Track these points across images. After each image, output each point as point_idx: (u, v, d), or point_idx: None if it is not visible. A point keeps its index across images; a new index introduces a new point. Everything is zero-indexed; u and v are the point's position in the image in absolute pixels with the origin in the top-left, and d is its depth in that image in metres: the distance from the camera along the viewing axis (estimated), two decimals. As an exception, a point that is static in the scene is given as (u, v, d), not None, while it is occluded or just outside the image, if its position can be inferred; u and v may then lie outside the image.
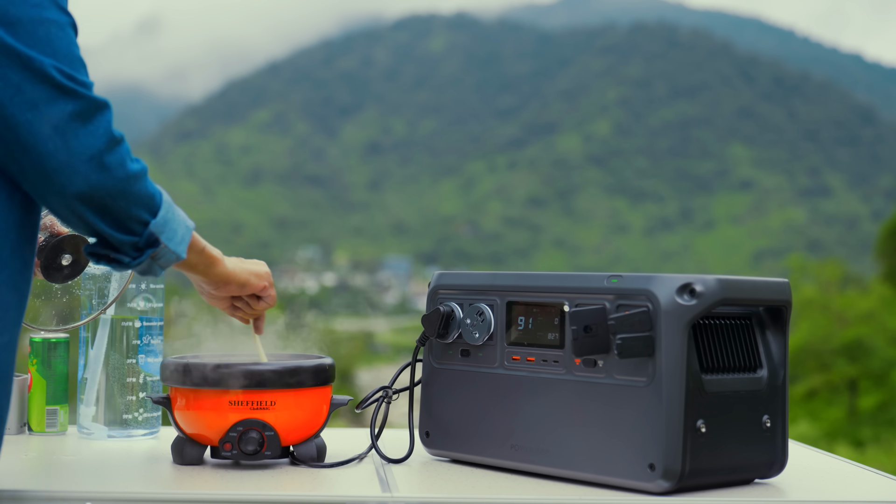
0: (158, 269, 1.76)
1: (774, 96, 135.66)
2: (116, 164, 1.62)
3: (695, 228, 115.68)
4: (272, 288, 2.03)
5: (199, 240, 1.85)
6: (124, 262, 1.72)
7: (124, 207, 1.65)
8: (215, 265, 1.91)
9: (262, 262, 2.03)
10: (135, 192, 1.65)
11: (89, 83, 1.62)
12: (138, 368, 2.27)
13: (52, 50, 1.59)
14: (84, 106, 1.60)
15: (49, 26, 1.60)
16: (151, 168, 1.68)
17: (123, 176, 1.63)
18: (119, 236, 1.68)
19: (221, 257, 1.92)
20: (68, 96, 1.59)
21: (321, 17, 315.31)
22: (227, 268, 1.93)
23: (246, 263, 1.99)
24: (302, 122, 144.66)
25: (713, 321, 1.86)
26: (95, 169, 1.60)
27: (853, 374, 25.68)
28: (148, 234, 1.69)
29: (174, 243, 1.74)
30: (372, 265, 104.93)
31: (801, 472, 2.02)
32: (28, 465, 2.04)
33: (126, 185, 1.64)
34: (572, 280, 1.89)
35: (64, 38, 1.61)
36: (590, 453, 1.83)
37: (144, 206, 1.68)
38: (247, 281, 1.97)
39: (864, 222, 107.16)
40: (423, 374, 2.10)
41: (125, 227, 1.67)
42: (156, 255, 1.72)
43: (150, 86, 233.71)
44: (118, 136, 1.63)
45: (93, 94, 1.61)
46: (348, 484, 1.88)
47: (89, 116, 1.60)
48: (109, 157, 1.61)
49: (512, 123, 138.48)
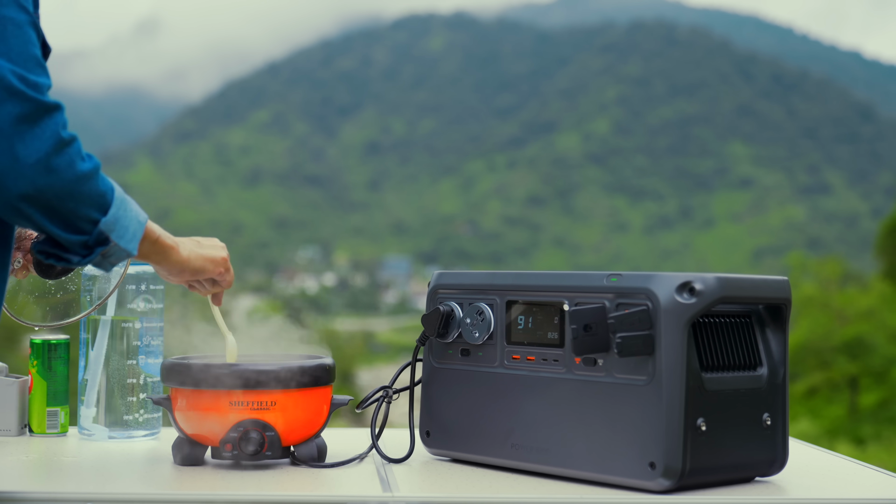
0: (109, 265, 1.74)
1: (773, 94, 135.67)
2: (64, 165, 1.59)
3: (694, 226, 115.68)
4: (228, 273, 2.01)
5: (153, 230, 1.82)
6: (73, 261, 1.70)
7: (73, 208, 1.63)
8: (169, 254, 1.88)
9: (221, 245, 2.01)
10: (84, 192, 1.63)
11: (43, 84, 1.59)
12: (139, 369, 2.27)
13: (4, 49, 1.57)
14: (32, 108, 1.57)
15: (5, 24, 1.58)
16: (150, 170, 1.67)
17: (72, 177, 1.60)
18: (67, 236, 1.66)
19: (176, 245, 1.89)
20: (16, 98, 1.56)
21: (320, 17, 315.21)
22: (182, 255, 1.90)
23: (203, 248, 1.96)
24: (301, 123, 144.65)
25: (713, 319, 1.86)
26: (42, 172, 1.57)
27: (854, 372, 25.69)
28: (97, 232, 1.67)
29: (125, 241, 1.72)
30: (372, 265, 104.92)
31: (801, 470, 2.02)
32: (29, 466, 2.04)
33: (74, 186, 1.61)
34: (572, 279, 1.89)
35: (20, 37, 1.59)
36: (590, 452, 1.83)
37: (94, 206, 1.65)
38: (202, 268, 1.95)
39: (864, 219, 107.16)
40: (423, 374, 2.10)
41: (74, 226, 1.65)
42: (106, 253, 1.71)
43: (150, 87, 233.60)
44: (68, 137, 1.60)
45: (42, 97, 1.58)
46: (349, 484, 1.88)
47: (36, 119, 1.57)
48: (57, 159, 1.58)
49: (511, 122, 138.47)
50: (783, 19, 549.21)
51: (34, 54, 1.60)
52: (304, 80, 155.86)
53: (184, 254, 1.91)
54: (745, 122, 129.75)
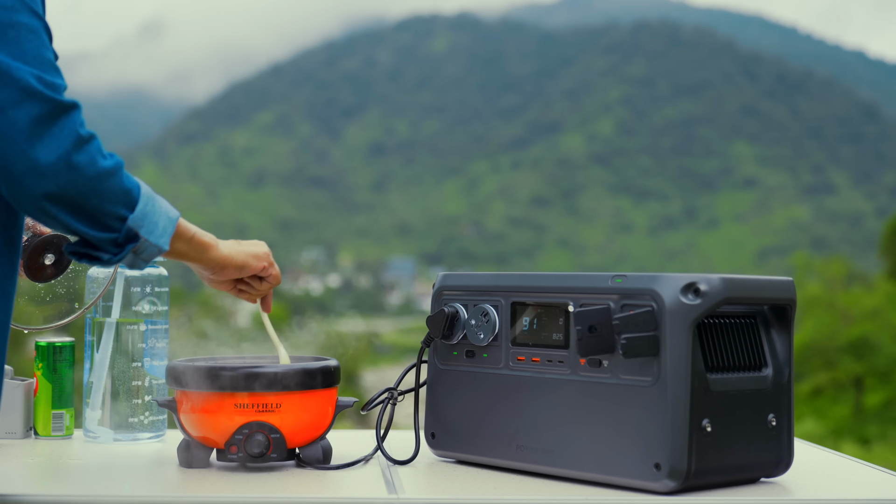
0: (142, 262, 1.74)
1: (777, 94, 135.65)
2: (86, 162, 1.61)
3: (699, 227, 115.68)
4: (273, 267, 2.01)
5: (188, 228, 1.82)
6: (104, 259, 1.71)
7: (98, 205, 1.64)
8: (208, 251, 1.88)
9: (262, 242, 2.01)
10: (108, 189, 1.64)
11: (59, 85, 1.61)
12: (144, 372, 2.27)
13: (20, 53, 1.59)
14: (50, 108, 1.58)
15: (19, 29, 1.60)
16: (155, 171, 1.68)
17: (94, 174, 1.62)
18: (96, 234, 1.67)
19: (215, 242, 1.89)
20: (34, 99, 1.58)
21: (324, 18, 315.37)
22: (222, 252, 1.91)
23: (243, 245, 1.96)
24: (305, 124, 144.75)
25: (718, 320, 1.86)
26: (63, 170, 1.59)
27: (859, 372, 25.68)
28: (126, 229, 1.68)
29: (155, 236, 1.72)
30: (376, 266, 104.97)
31: (807, 471, 2.01)
32: (34, 469, 2.04)
33: (98, 183, 1.62)
34: (576, 280, 1.89)
35: (34, 41, 1.61)
36: (595, 453, 1.83)
37: (120, 202, 1.66)
38: (245, 263, 1.95)
39: (869, 219, 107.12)
40: (428, 376, 2.10)
41: (102, 224, 1.66)
42: (137, 250, 1.71)
43: (154, 88, 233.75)
44: (86, 134, 1.62)
45: (59, 97, 1.60)
46: (354, 486, 1.88)
47: (55, 118, 1.59)
48: (77, 156, 1.60)
49: (515, 123, 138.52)
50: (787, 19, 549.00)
51: (48, 57, 1.62)
52: (307, 81, 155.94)
53: (224, 251, 1.91)
54: (749, 122, 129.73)
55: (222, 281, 1.99)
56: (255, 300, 2.06)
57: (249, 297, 2.05)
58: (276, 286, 2.05)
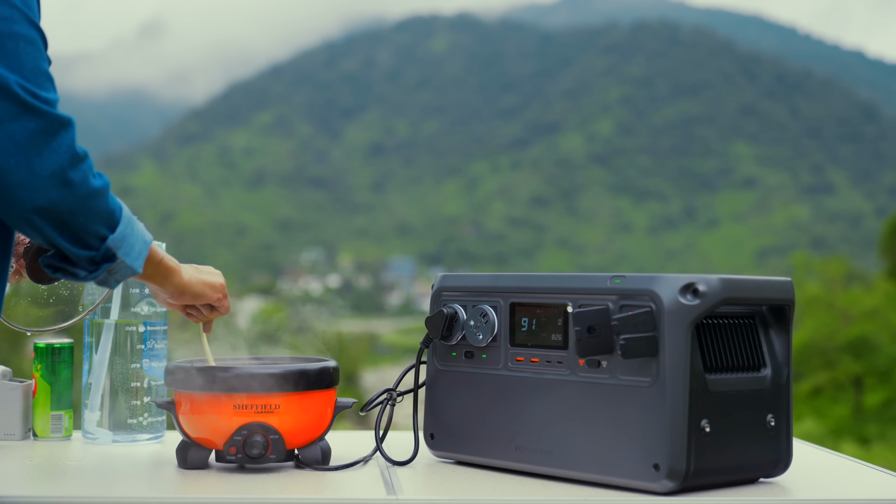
0: (114, 282, 1.76)
1: (777, 94, 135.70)
2: (79, 180, 1.62)
3: (698, 227, 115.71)
4: (226, 299, 2.05)
5: (157, 252, 1.85)
6: (80, 275, 1.72)
7: (83, 223, 1.65)
8: (172, 276, 1.92)
9: (218, 272, 2.05)
10: (94, 209, 1.66)
11: (54, 100, 1.62)
12: (142, 373, 2.27)
13: (18, 65, 1.59)
14: (47, 123, 1.59)
15: (17, 41, 1.60)
16: (154, 172, 1.68)
17: (85, 192, 1.63)
18: (76, 251, 1.68)
19: (178, 267, 1.93)
20: (32, 114, 1.58)
21: (323, 18, 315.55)
22: (184, 279, 1.94)
23: (202, 274, 2.00)
24: (304, 124, 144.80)
25: (716, 321, 1.86)
26: (57, 185, 1.60)
27: (858, 372, 25.68)
28: (105, 248, 1.69)
29: (131, 258, 1.74)
30: (376, 266, 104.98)
31: (805, 471, 2.01)
32: (33, 470, 2.04)
33: (86, 202, 1.64)
34: (575, 281, 1.89)
35: (32, 53, 1.61)
36: (594, 454, 1.83)
37: (103, 222, 1.68)
38: (201, 293, 1.98)
39: (868, 219, 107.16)
40: (427, 376, 2.10)
41: (83, 241, 1.67)
42: (112, 269, 1.73)
43: (153, 89, 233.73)
44: (81, 152, 1.63)
45: (56, 112, 1.61)
46: (353, 487, 1.88)
47: (52, 134, 1.59)
48: (72, 173, 1.61)
49: (515, 123, 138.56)
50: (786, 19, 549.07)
51: (45, 70, 1.63)
52: (307, 81, 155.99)
53: (185, 277, 1.94)
54: (748, 122, 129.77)
55: (175, 304, 2.02)
56: (200, 322, 2.08)
57: (196, 319, 2.09)
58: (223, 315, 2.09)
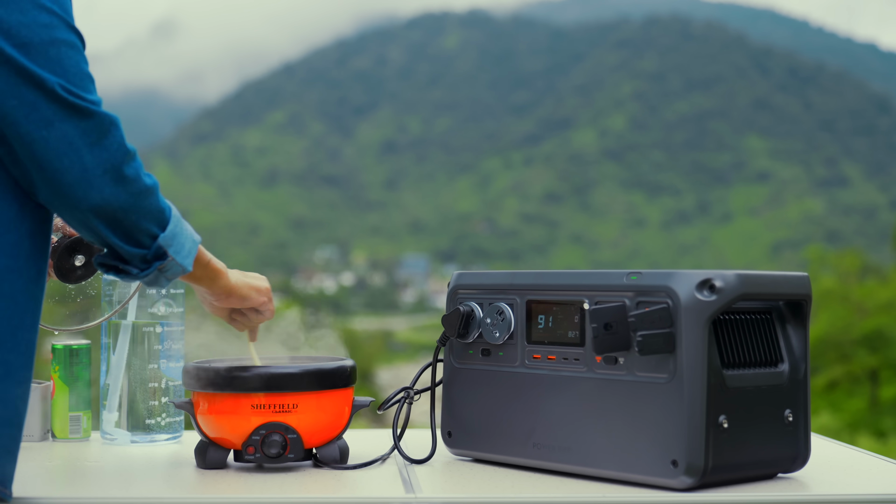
0: (165, 280, 1.79)
1: (790, 87, 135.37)
2: (133, 177, 1.66)
3: (712, 221, 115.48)
4: (271, 303, 2.06)
5: (205, 253, 1.88)
6: (132, 273, 1.75)
7: (135, 221, 1.69)
8: (219, 278, 1.93)
9: (263, 277, 2.06)
10: (146, 207, 1.69)
11: (98, 100, 1.65)
12: (160, 373, 2.28)
13: (62, 69, 1.63)
14: (97, 122, 1.63)
15: (59, 46, 1.64)
16: (168, 172, 1.69)
17: (137, 190, 1.67)
18: (129, 249, 1.71)
19: (225, 271, 1.94)
20: (80, 114, 1.62)
21: (335, 16, 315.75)
22: (230, 281, 1.96)
23: (248, 278, 2.02)
24: (317, 123, 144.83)
25: (733, 316, 1.86)
26: (111, 182, 1.64)
27: (874, 365, 25.59)
28: (156, 247, 1.73)
29: (181, 256, 1.77)
30: (390, 264, 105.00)
31: (824, 466, 2.01)
32: (52, 471, 2.04)
33: (139, 200, 1.68)
34: (592, 278, 1.89)
35: (74, 57, 1.65)
36: (612, 450, 1.83)
37: (155, 220, 1.71)
38: (248, 295, 1.99)
39: (883, 212, 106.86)
40: (444, 374, 2.10)
41: (135, 239, 1.71)
42: (163, 268, 1.76)
43: (166, 89, 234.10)
44: (132, 150, 1.67)
45: (103, 111, 1.65)
46: (371, 485, 1.88)
47: (103, 132, 1.64)
48: (127, 169, 1.65)
49: (527, 119, 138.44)
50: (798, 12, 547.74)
51: (87, 72, 1.67)
52: (319, 80, 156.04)
53: (232, 280, 1.96)
54: (761, 115, 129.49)
55: (222, 308, 2.02)
56: (245, 329, 2.08)
57: (241, 326, 2.08)
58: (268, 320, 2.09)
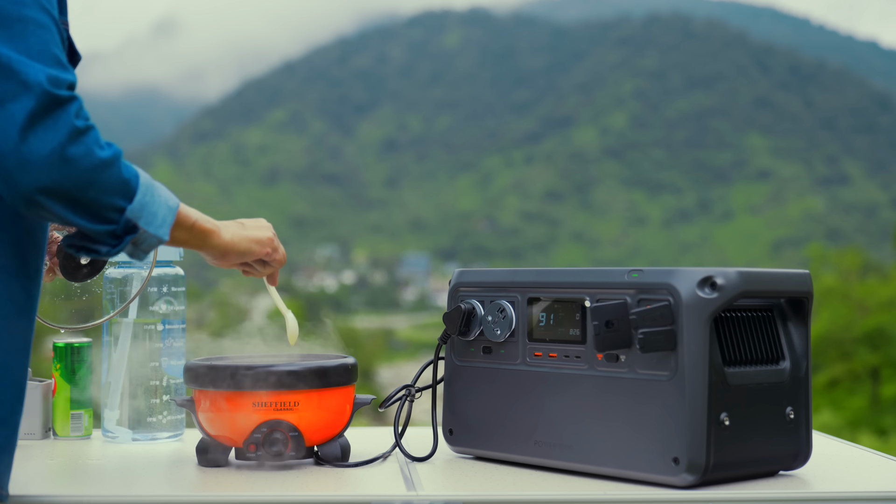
0: (142, 253, 1.72)
1: (791, 85, 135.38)
2: (81, 154, 1.58)
3: (713, 219, 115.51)
4: (277, 251, 1.98)
5: (189, 215, 1.79)
6: (103, 252, 1.69)
7: (95, 197, 1.61)
8: (209, 238, 1.84)
9: (266, 224, 1.98)
10: (105, 180, 1.61)
11: (62, 80, 1.59)
12: (161, 371, 2.27)
13: (25, 47, 1.57)
14: (46, 101, 1.56)
15: (27, 23, 1.58)
16: (168, 170, 1.67)
17: (90, 165, 1.59)
18: (94, 226, 1.64)
19: (217, 228, 1.85)
20: (31, 93, 1.56)
21: (336, 15, 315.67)
22: (224, 239, 1.87)
23: (248, 230, 1.93)
24: (318, 121, 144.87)
25: (735, 314, 1.86)
26: (58, 163, 1.56)
27: (875, 363, 25.59)
28: (125, 220, 1.65)
29: (154, 226, 1.69)
30: (391, 262, 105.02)
31: (825, 463, 2.01)
32: (53, 469, 2.04)
33: (94, 174, 1.60)
34: (593, 275, 1.88)
35: (41, 36, 1.59)
36: (614, 448, 1.83)
37: (118, 193, 1.63)
38: (247, 250, 1.92)
39: (884, 209, 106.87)
40: (445, 372, 2.09)
41: (99, 216, 1.63)
42: (136, 241, 1.69)
43: (167, 87, 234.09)
44: (82, 126, 1.59)
45: (57, 91, 1.57)
46: (373, 483, 1.88)
47: (49, 111, 1.56)
48: (72, 148, 1.57)
49: (528, 118, 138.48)
50: (799, 10, 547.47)
51: (53, 52, 1.60)
52: (320, 78, 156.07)
53: (226, 237, 1.87)
54: (762, 113, 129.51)
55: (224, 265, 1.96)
56: (261, 276, 2.05)
57: (256, 274, 2.03)
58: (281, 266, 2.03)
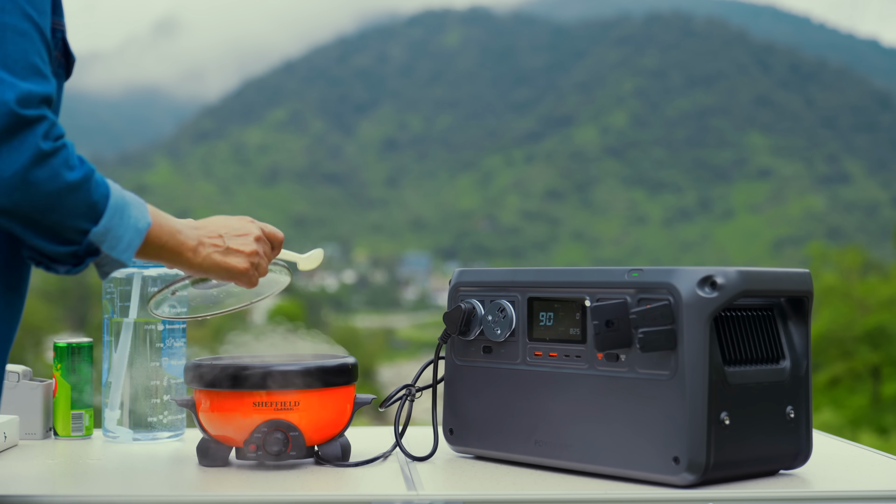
0: (103, 274, 1.67)
1: (791, 84, 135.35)
2: (45, 178, 1.52)
3: (714, 218, 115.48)
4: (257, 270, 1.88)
5: (160, 236, 1.71)
6: (60, 271, 1.63)
7: (58, 220, 1.55)
8: (179, 258, 1.76)
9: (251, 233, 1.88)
10: (69, 204, 1.55)
11: (33, 94, 1.53)
12: (162, 371, 2.27)
13: (1, 56, 1.52)
14: (10, 122, 1.50)
15: (5, 31, 1.53)
16: (169, 170, 1.65)
17: (53, 189, 1.53)
18: (54, 248, 1.59)
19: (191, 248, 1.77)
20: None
21: (336, 14, 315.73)
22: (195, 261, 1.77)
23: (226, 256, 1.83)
24: (318, 120, 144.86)
25: (735, 313, 1.86)
26: (19, 186, 1.50)
27: (876, 361, 25.60)
28: (87, 243, 1.59)
29: (117, 251, 1.63)
30: (391, 262, 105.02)
31: (826, 462, 2.01)
32: (54, 469, 2.04)
33: (57, 199, 1.54)
34: (593, 275, 1.88)
35: (20, 45, 1.54)
36: (614, 447, 1.83)
37: (83, 216, 1.57)
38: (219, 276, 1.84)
39: (884, 208, 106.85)
40: (445, 372, 2.09)
41: (61, 237, 1.58)
42: (98, 263, 1.64)
43: (167, 87, 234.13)
44: (48, 148, 1.53)
45: (24, 111, 1.51)
46: (373, 483, 1.88)
47: (14, 132, 1.51)
48: (36, 171, 1.51)
49: (528, 117, 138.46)
50: (800, 8, 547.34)
51: (31, 62, 1.55)
52: (320, 77, 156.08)
53: (196, 260, 1.79)
54: (763, 112, 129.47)
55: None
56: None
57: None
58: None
